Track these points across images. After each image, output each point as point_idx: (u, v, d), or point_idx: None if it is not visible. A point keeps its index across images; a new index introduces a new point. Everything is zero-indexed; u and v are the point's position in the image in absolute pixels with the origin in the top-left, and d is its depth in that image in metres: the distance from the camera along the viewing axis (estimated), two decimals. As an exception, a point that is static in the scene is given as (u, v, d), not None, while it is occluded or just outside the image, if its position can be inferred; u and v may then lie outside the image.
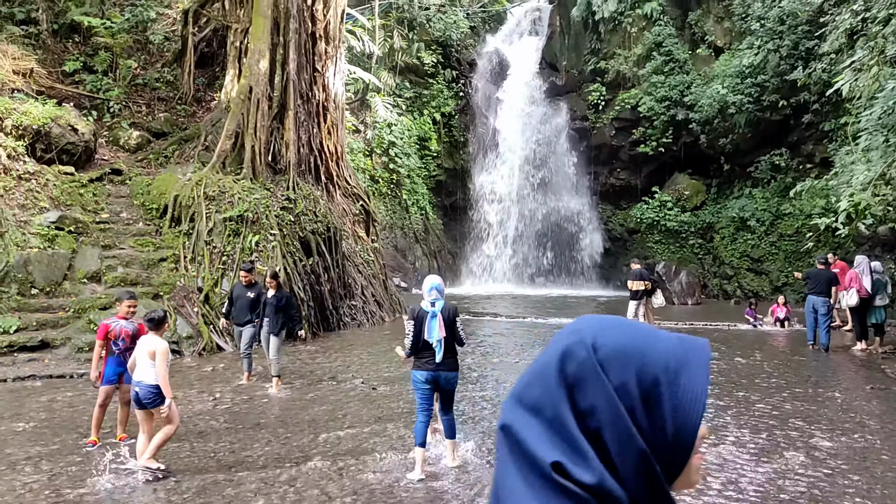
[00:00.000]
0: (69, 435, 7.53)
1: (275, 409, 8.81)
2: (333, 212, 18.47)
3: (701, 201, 32.20)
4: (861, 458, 6.80)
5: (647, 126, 32.15)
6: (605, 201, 35.13)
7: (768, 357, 13.60)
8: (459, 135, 36.63)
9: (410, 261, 33.31)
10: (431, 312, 6.39)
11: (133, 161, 17.77)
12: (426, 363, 6.40)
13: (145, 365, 6.20)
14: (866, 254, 16.64)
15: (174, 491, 5.83)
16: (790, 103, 27.48)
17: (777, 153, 29.15)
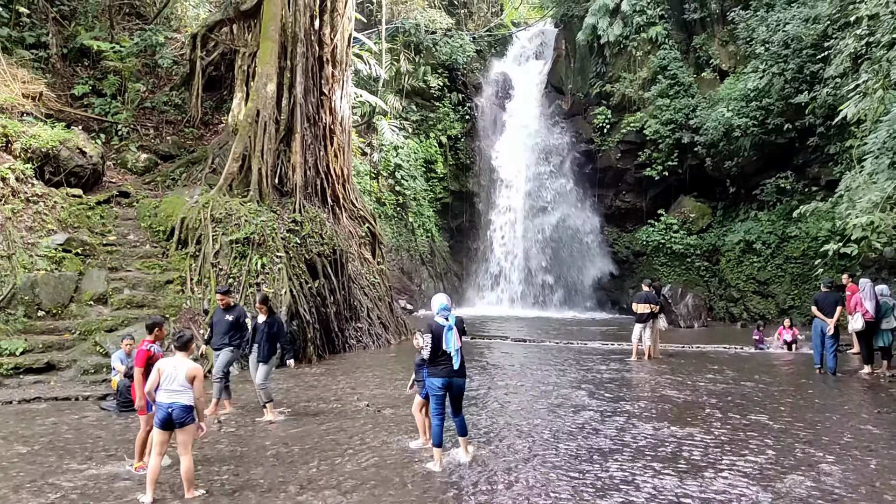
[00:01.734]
0: (74, 458, 7.52)
1: (279, 433, 8.78)
2: (339, 234, 18.55)
3: (707, 224, 32.18)
4: (869, 484, 6.73)
5: (652, 149, 32.24)
6: (611, 224, 35.14)
7: (775, 380, 13.50)
8: (466, 157, 36.80)
9: (416, 283, 33.32)
10: (448, 326, 7.32)
11: (140, 184, 17.91)
12: (443, 371, 7.31)
13: (180, 386, 6.22)
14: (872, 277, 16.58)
15: (177, 515, 5.81)
16: (795, 126, 27.53)
17: (782, 176, 29.16)
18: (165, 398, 6.22)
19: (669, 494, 6.37)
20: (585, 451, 7.97)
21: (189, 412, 6.26)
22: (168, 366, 6.32)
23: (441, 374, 7.30)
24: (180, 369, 6.28)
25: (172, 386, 6.22)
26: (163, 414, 6.21)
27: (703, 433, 8.83)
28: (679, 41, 32.86)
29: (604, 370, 14.55)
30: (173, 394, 6.22)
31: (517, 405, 10.64)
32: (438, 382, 7.31)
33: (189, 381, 6.26)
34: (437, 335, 7.33)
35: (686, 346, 19.51)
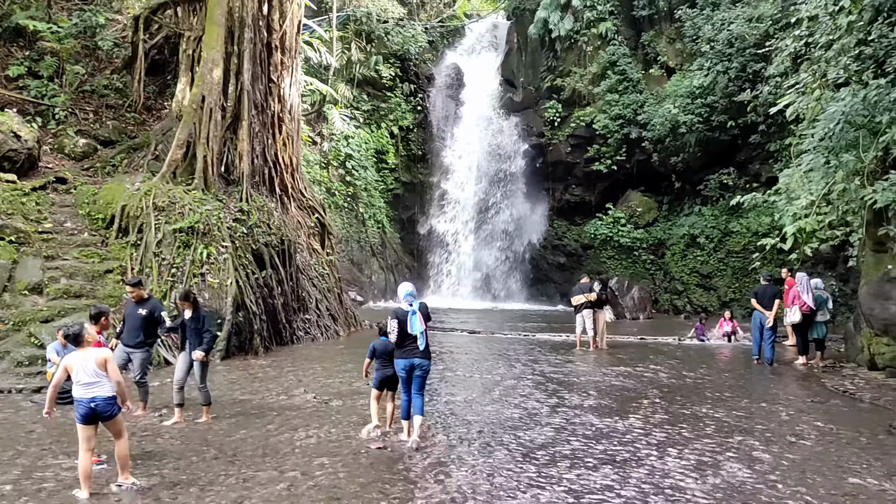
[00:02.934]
0: (6, 453, 7.24)
1: (223, 427, 8.62)
2: (288, 224, 18.27)
3: (653, 218, 32.84)
4: (800, 471, 6.96)
5: (601, 143, 32.72)
6: (561, 217, 35.56)
7: (714, 371, 13.88)
8: (417, 148, 36.70)
9: (367, 274, 33.13)
10: (412, 311, 7.86)
11: (79, 170, 17.30)
12: (408, 353, 7.88)
13: (96, 376, 6.03)
14: (808, 271, 17.18)
15: (114, 510, 5.66)
16: (738, 124, 28.30)
17: (725, 172, 29.95)
18: (84, 393, 6.02)
19: (610, 482, 6.48)
20: (529, 440, 8.05)
21: (113, 402, 6.10)
22: (75, 361, 6.11)
23: (406, 357, 7.88)
24: (89, 359, 6.09)
25: (87, 378, 6.03)
26: (84, 409, 6.02)
27: (645, 422, 9.02)
28: (628, 37, 33.37)
29: (550, 361, 14.73)
30: (90, 387, 6.03)
31: (464, 396, 10.69)
32: (403, 364, 7.91)
33: (101, 367, 6.08)
34: (402, 320, 7.88)
35: (631, 337, 19.89)
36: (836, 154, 12.31)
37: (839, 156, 12.24)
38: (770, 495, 6.22)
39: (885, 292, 12.60)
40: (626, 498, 6.10)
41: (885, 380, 12.10)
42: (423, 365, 7.92)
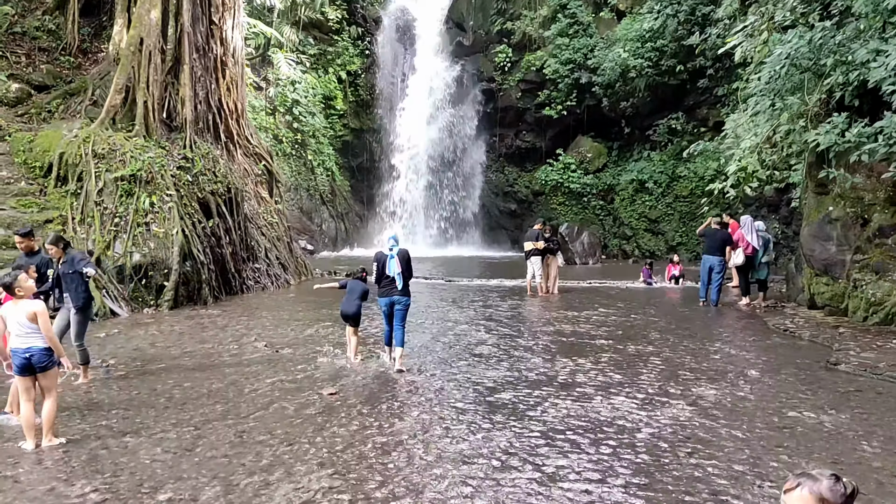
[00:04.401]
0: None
1: (171, 374, 8.51)
2: (234, 172, 17.87)
3: (603, 164, 33.15)
4: (742, 407, 7.24)
5: (552, 89, 32.64)
6: (511, 163, 35.60)
7: (661, 313, 14.25)
8: (366, 94, 36.04)
9: (317, 223, 32.79)
10: (390, 255, 8.76)
11: (12, 116, 16.51)
12: (387, 291, 8.87)
13: (28, 329, 5.87)
14: (752, 214, 17.63)
15: (62, 461, 5.56)
16: (687, 68, 28.52)
17: (674, 117, 30.28)
18: (20, 343, 5.88)
19: (562, 419, 6.65)
20: (480, 383, 8.17)
21: (50, 354, 5.98)
22: (8, 312, 5.96)
23: (385, 295, 8.89)
24: (20, 312, 5.94)
25: (20, 330, 5.90)
26: (20, 360, 5.88)
27: (593, 364, 9.24)
28: (579, -20, 33.06)
29: (501, 307, 14.90)
30: (27, 338, 5.90)
31: (418, 342, 10.76)
32: (383, 301, 8.92)
33: (32, 320, 5.92)
34: (381, 262, 8.89)
35: (580, 282, 20.23)
36: (782, 97, 12.51)
37: (784, 98, 12.44)
38: (712, 430, 6.47)
39: (825, 233, 13.02)
40: (575, 437, 6.26)
41: (824, 318, 12.60)
42: (402, 301, 8.84)
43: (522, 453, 5.75)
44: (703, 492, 5.01)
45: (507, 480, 5.17)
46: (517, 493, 4.93)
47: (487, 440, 6.09)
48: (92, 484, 5.06)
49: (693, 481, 5.20)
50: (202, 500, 4.80)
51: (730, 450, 5.90)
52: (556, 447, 5.91)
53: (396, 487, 5.03)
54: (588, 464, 5.52)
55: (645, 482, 5.16)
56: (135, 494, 4.88)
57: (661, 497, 4.89)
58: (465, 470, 5.39)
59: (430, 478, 5.23)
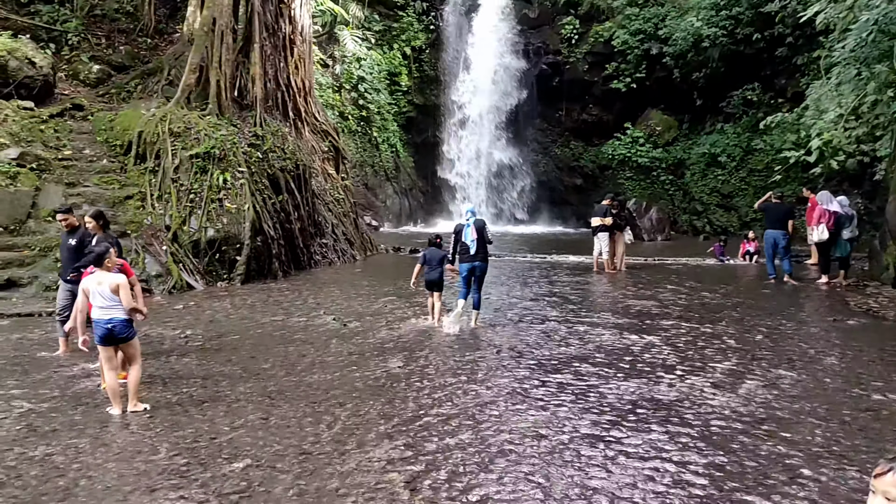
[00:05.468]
0: (40, 373, 7.46)
1: (245, 346, 8.80)
2: (302, 149, 18.17)
3: (673, 137, 32.26)
4: (822, 388, 7.01)
5: (620, 60, 31.85)
6: (578, 138, 35.01)
7: (735, 291, 13.86)
8: (430, 70, 35.92)
9: (381, 199, 33.07)
10: (466, 224, 9.85)
11: (94, 96, 17.19)
12: (466, 258, 9.85)
13: (109, 301, 6.15)
14: (833, 188, 16.90)
15: (147, 426, 5.84)
16: (764, 36, 27.34)
17: (749, 88, 29.15)
18: (102, 315, 6.16)
19: (632, 397, 6.58)
20: (548, 358, 8.15)
21: (129, 325, 6.26)
22: (92, 283, 6.22)
23: (465, 261, 9.88)
24: (104, 283, 6.21)
25: (103, 302, 6.17)
26: (102, 331, 6.16)
27: (664, 342, 9.08)
28: (650, -53, 31.99)
29: (567, 283, 14.78)
30: (108, 309, 6.18)
31: (483, 318, 10.78)
32: (463, 267, 9.90)
33: (115, 292, 6.19)
34: (459, 232, 9.98)
35: (649, 259, 19.86)
36: (868, 65, 11.89)
37: (871, 67, 11.82)
38: (790, 411, 6.29)
39: (910, 208, 12.38)
40: (646, 415, 6.19)
41: (908, 296, 12.05)
42: (480, 266, 9.87)
43: (592, 430, 5.72)
44: (780, 473, 4.88)
45: (576, 457, 5.16)
46: (586, 470, 4.91)
47: (555, 416, 6.09)
48: (175, 449, 5.30)
49: (770, 462, 5.08)
50: (277, 466, 4.96)
51: (808, 432, 5.73)
52: (627, 425, 5.85)
53: (465, 459, 5.09)
54: (661, 443, 5.45)
55: (719, 462, 5.07)
56: (215, 460, 5.08)
57: (735, 477, 4.80)
58: (533, 445, 5.40)
59: (498, 452, 5.26)
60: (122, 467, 4.95)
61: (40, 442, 5.47)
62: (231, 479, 4.76)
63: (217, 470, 4.90)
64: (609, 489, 4.60)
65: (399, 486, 4.64)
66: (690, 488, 4.62)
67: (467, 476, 4.81)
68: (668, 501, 4.43)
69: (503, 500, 4.45)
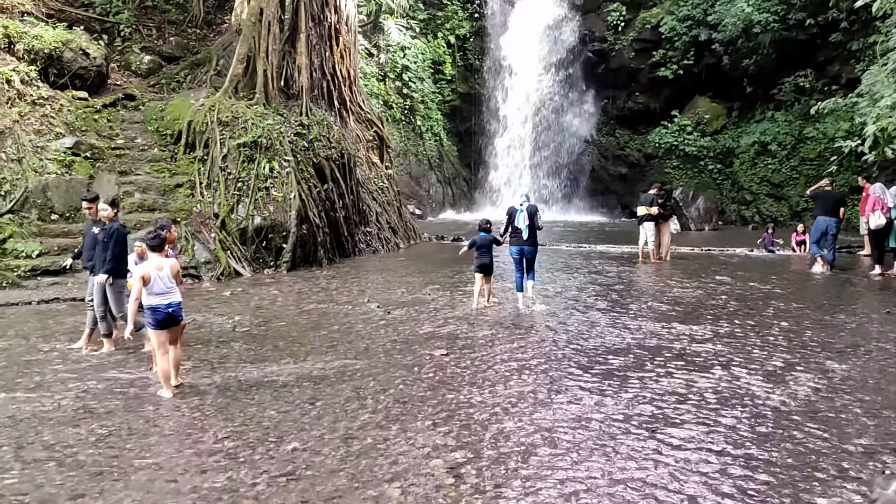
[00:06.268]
0: (94, 356, 7.72)
1: (291, 332, 8.95)
2: (347, 138, 18.33)
3: (721, 125, 31.61)
4: (875, 382, 6.83)
5: (667, 47, 31.30)
6: (623, 126, 34.57)
7: (784, 282, 13.56)
8: (474, 58, 35.84)
9: (425, 188, 33.19)
10: (520, 209, 10.32)
11: (145, 86, 17.63)
12: (516, 241, 10.37)
13: (171, 283, 6.45)
14: (889, 177, 16.38)
15: (197, 409, 6.00)
16: (817, 21, 26.54)
17: (802, 74, 28.37)
18: (162, 300, 6.36)
19: (679, 388, 6.51)
20: (594, 348, 8.11)
21: (181, 307, 6.58)
22: (152, 269, 6.38)
23: (515, 244, 10.41)
24: (165, 268, 6.45)
25: (164, 286, 6.39)
26: (162, 315, 6.35)
27: (711, 333, 8.94)
28: (700, -70, 31.26)
29: (611, 273, 14.65)
30: (168, 294, 6.41)
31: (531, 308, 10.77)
32: (514, 250, 10.44)
33: (175, 276, 6.54)
34: (511, 215, 10.48)
35: (695, 248, 19.53)
36: (927, 51, 11.46)
37: (930, 53, 11.39)
38: (841, 405, 6.15)
39: (972, 199, 11.92)
40: (693, 407, 6.12)
41: (966, 290, 11.63)
42: (530, 250, 10.37)
43: (637, 420, 5.69)
44: (829, 468, 4.79)
45: (621, 447, 5.14)
46: (631, 461, 4.89)
47: (600, 405, 6.06)
48: (224, 432, 5.44)
49: (819, 456, 4.98)
50: (323, 450, 5.05)
51: (860, 426, 5.60)
52: (674, 417, 5.80)
53: (508, 448, 5.11)
54: (707, 435, 5.39)
55: (767, 456, 4.99)
56: (263, 443, 5.20)
57: (784, 471, 4.72)
58: (577, 434, 5.39)
59: (542, 440, 5.27)
60: (174, 449, 5.11)
61: (95, 423, 5.67)
62: (278, 461, 4.87)
63: (264, 452, 5.02)
64: (655, 481, 4.57)
65: (443, 472, 4.69)
66: (738, 480, 4.56)
67: (511, 464, 4.83)
68: (715, 494, 4.39)
69: (546, 487, 4.47)
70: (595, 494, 4.38)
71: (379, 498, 4.32)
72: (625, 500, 4.30)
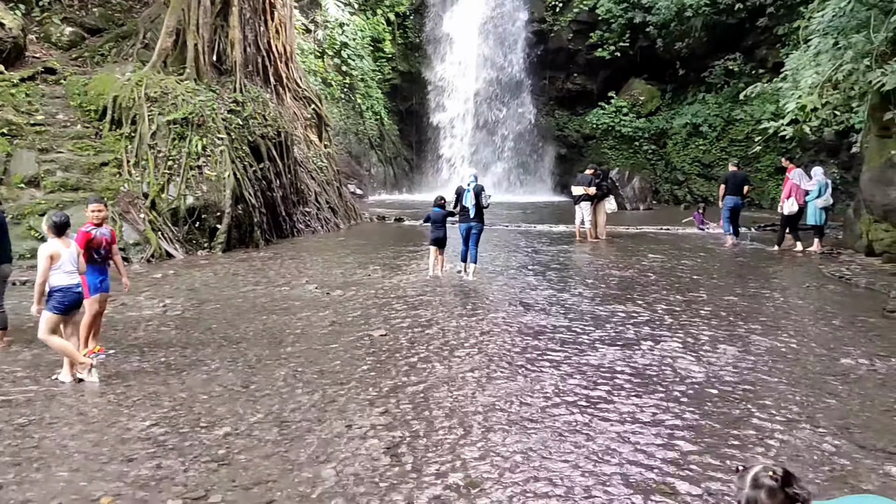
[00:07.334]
0: (15, 343, 7.38)
1: (226, 314, 8.76)
2: (284, 115, 17.94)
3: (656, 107, 32.23)
4: (794, 354, 7.12)
5: (604, 29, 31.66)
6: (562, 107, 34.88)
7: (713, 259, 13.99)
8: (414, 36, 35.47)
9: (366, 168, 32.83)
10: (467, 189, 11.13)
11: (67, 59, 16.80)
12: (464, 219, 11.22)
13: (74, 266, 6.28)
14: (810, 159, 17.14)
15: (124, 395, 5.81)
16: (746, 6, 27.25)
17: (731, 58, 29.12)
18: (72, 280, 6.20)
19: (612, 363, 6.65)
20: (530, 327, 8.20)
21: None
22: (62, 249, 6.19)
23: (462, 221, 11.27)
24: (73, 246, 6.32)
25: (72, 268, 6.23)
26: (73, 297, 6.20)
27: (643, 309, 9.16)
28: (635, -87, 31.58)
29: (550, 252, 14.83)
30: (76, 274, 6.26)
31: (470, 287, 10.81)
32: (462, 227, 11.29)
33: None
34: (459, 194, 11.27)
35: (630, 227, 19.95)
36: (846, 35, 11.88)
37: (848, 37, 11.81)
38: (763, 375, 6.39)
39: (886, 178, 12.50)
40: (624, 381, 6.26)
41: (882, 265, 12.21)
42: (476, 226, 11.15)
43: (570, 396, 5.78)
44: (751, 435, 4.98)
45: (554, 422, 5.22)
46: (562, 434, 4.97)
47: (535, 382, 6.14)
48: (153, 418, 5.28)
49: (742, 424, 5.17)
50: (257, 435, 4.97)
51: (780, 395, 5.83)
52: (605, 391, 5.92)
53: (448, 426, 5.13)
54: (637, 407, 5.52)
55: (693, 424, 5.15)
56: (193, 429, 5.08)
57: (708, 439, 4.88)
58: (514, 410, 5.45)
59: (480, 417, 5.31)
60: (98, 437, 4.93)
61: (14, 412, 5.43)
62: (210, 446, 4.76)
63: (195, 438, 4.90)
64: (589, 452, 4.66)
65: (380, 452, 4.67)
66: (666, 450, 4.69)
67: (448, 442, 4.85)
68: (646, 460, 4.50)
69: (482, 464, 4.50)
70: (531, 468, 4.44)
71: (314, 480, 4.28)
72: (559, 473, 4.37)
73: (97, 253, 6.68)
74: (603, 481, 4.29)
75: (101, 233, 6.73)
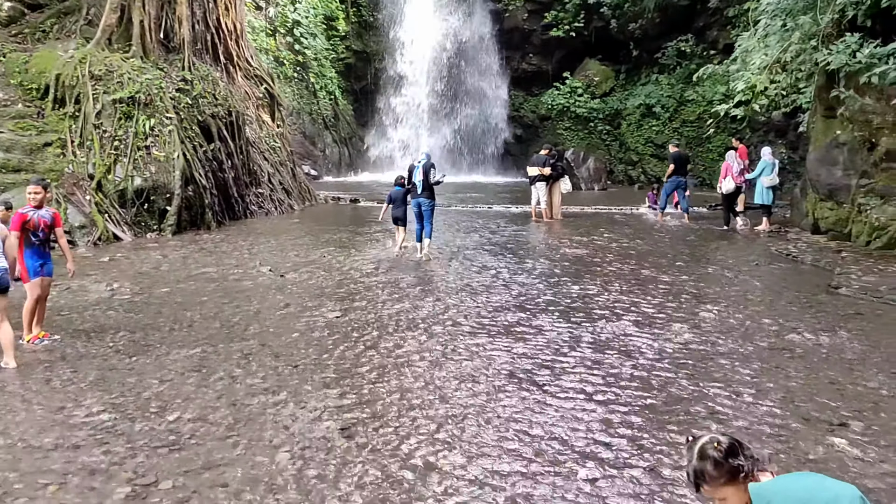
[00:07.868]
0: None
1: (176, 298, 8.58)
2: (235, 95, 17.56)
3: (610, 88, 32.51)
4: (742, 330, 7.30)
5: (559, 9, 31.74)
6: (517, 87, 34.92)
7: (666, 238, 14.22)
8: (369, 14, 35.02)
9: (320, 148, 32.42)
10: (417, 166, 11.47)
11: (6, 36, 16.12)
12: (415, 195, 11.47)
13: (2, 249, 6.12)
14: (759, 139, 17.55)
15: (70, 381, 5.65)
16: (698, -13, 27.59)
17: (683, 39, 29.50)
18: (4, 263, 6.05)
19: (565, 339, 6.72)
20: (485, 306, 8.23)
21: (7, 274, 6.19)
22: None
23: (415, 198, 11.49)
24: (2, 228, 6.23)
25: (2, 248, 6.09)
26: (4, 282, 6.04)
27: (596, 287, 9.27)
28: None
29: (506, 232, 14.89)
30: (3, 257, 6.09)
31: (426, 268, 10.79)
32: (413, 203, 11.52)
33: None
34: (410, 172, 11.62)
35: (585, 207, 20.14)
36: (794, 17, 12.13)
37: (796, 18, 12.07)
38: (711, 351, 6.53)
39: (831, 158, 12.84)
40: (576, 359, 6.33)
41: (827, 242, 12.57)
42: (426, 202, 11.36)
43: (524, 374, 5.83)
44: (701, 410, 5.09)
45: (509, 398, 5.25)
46: (517, 411, 5.01)
47: (490, 360, 6.17)
48: (100, 404, 5.15)
49: (692, 400, 5.28)
50: (209, 418, 4.89)
51: (728, 370, 5.97)
52: (558, 368, 5.98)
53: (401, 406, 5.12)
54: (589, 384, 5.59)
55: (644, 401, 5.24)
56: (143, 414, 4.97)
57: (659, 415, 4.97)
58: (469, 388, 5.47)
59: (433, 397, 5.31)
60: (43, 424, 4.79)
61: (-44, 399, 5.25)
62: (160, 432, 4.67)
63: (145, 423, 4.80)
64: (542, 430, 4.71)
65: (335, 434, 4.64)
66: (619, 427, 4.77)
67: (403, 422, 4.84)
68: (596, 436, 4.57)
69: (438, 442, 4.51)
70: (487, 446, 4.46)
71: (268, 463, 4.23)
72: (512, 450, 4.40)
73: (34, 236, 6.49)
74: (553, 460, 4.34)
75: (40, 215, 6.52)
